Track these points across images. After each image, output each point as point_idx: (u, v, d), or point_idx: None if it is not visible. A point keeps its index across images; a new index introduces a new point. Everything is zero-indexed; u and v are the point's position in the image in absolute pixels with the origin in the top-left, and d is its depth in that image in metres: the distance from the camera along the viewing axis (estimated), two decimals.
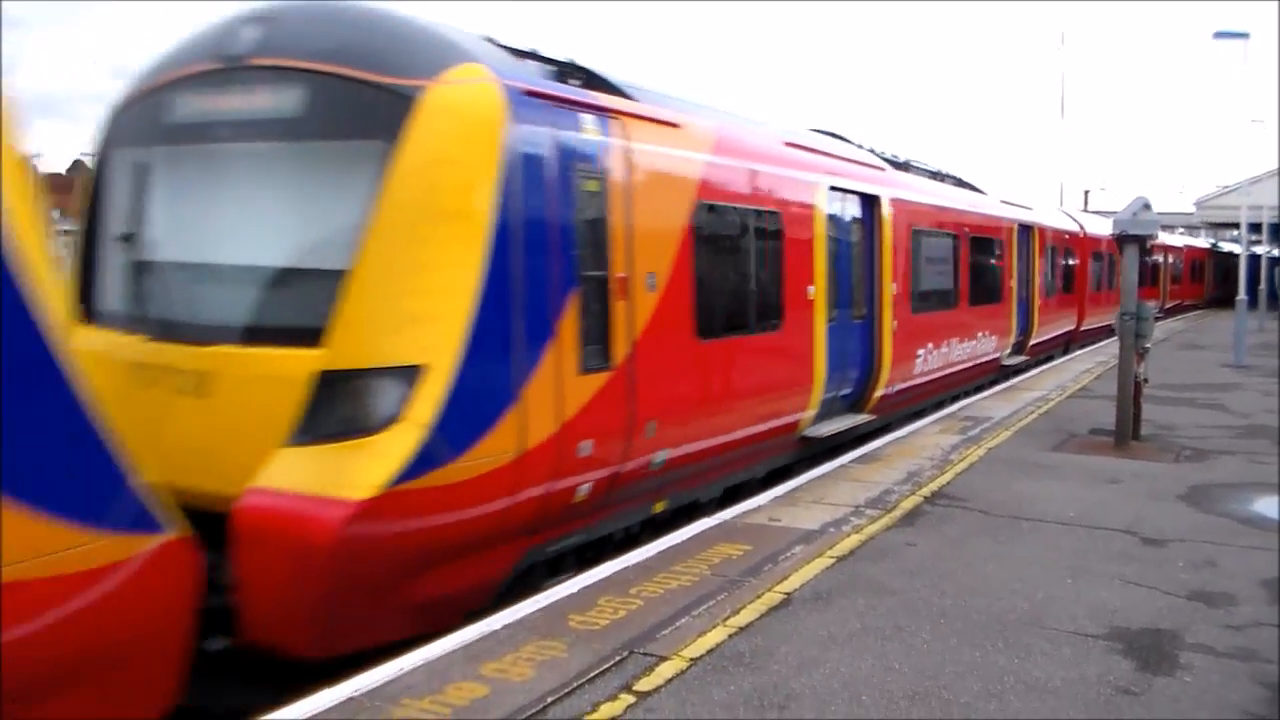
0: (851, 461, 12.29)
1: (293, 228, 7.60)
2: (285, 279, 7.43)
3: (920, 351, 15.94)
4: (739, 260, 10.90)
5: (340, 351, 6.93)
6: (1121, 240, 13.76)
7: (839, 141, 15.00)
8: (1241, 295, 27.98)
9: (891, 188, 14.96)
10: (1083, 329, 29.45)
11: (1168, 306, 47.69)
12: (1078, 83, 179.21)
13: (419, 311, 7.08)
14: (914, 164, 17.61)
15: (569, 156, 8.11)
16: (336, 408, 6.91)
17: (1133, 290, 13.68)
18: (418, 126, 7.16)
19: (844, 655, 6.27)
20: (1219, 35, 28.23)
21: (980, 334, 19.44)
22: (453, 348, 7.09)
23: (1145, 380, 14.19)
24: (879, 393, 14.30)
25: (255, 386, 7.01)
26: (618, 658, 6.18)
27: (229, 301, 7.51)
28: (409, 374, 6.97)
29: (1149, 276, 41.13)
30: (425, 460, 6.91)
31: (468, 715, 5.43)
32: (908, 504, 10.06)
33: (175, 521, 5.46)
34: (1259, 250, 50.59)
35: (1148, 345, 13.95)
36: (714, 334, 10.16)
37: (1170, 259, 49.15)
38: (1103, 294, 30.93)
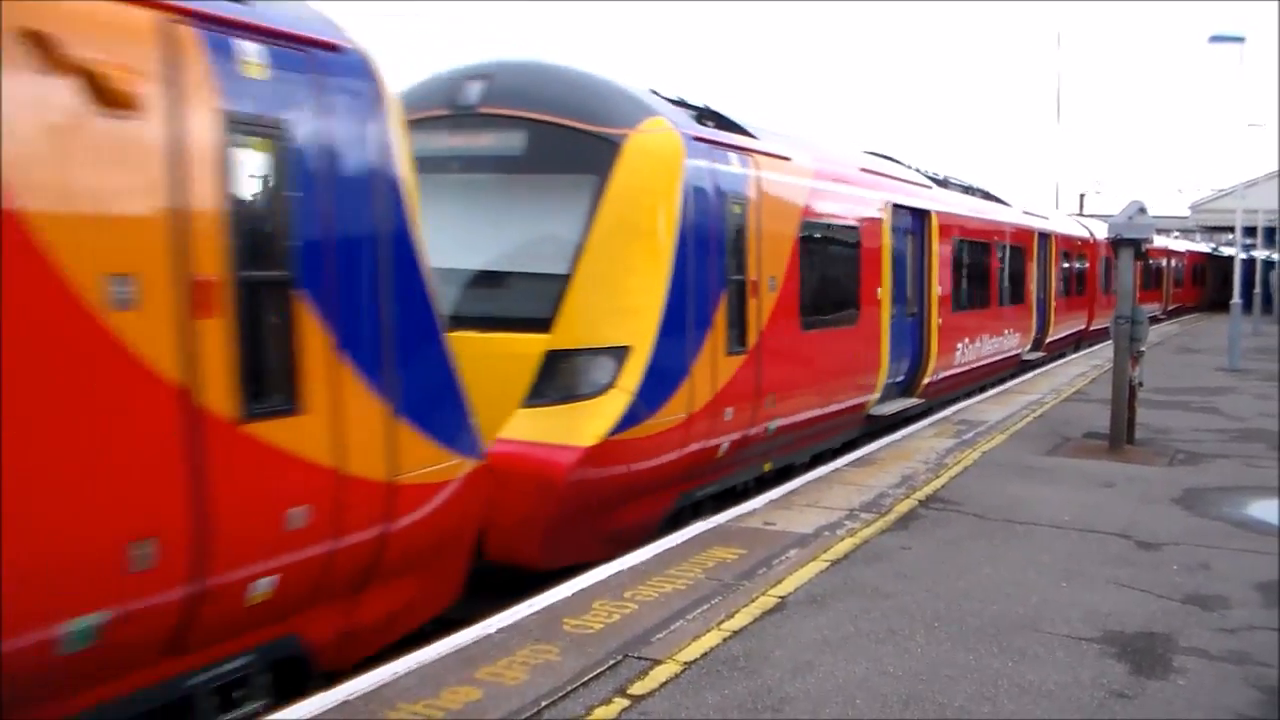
0: (846, 465, 12.31)
1: (523, 241, 9.66)
2: (519, 281, 9.58)
3: (959, 345, 18.26)
4: (831, 265, 13.26)
5: (566, 335, 9.08)
6: (1117, 244, 13.79)
7: (894, 164, 17.17)
8: (1236, 299, 28.03)
9: (937, 203, 17.24)
10: (1092, 328, 31.47)
11: (1170, 309, 49.68)
12: (1073, 85, 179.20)
13: (625, 306, 9.31)
14: (951, 181, 19.94)
15: (722, 187, 10.39)
16: (563, 378, 9.05)
17: (1128, 294, 13.70)
18: (622, 165, 9.39)
19: (838, 659, 6.28)
20: (1215, 39, 28.29)
21: (1006, 331, 21.82)
22: (650, 333, 9.31)
23: (1140, 384, 14.21)
24: (926, 380, 16.54)
25: (497, 363, 8.85)
26: (612, 661, 6.18)
27: (474, 297, 9.39)
28: (620, 353, 9.20)
29: (1153, 280, 44.84)
30: (629, 419, 9.10)
31: (461, 719, 5.43)
32: (902, 507, 10.07)
33: (483, 451, 7.36)
34: (1256, 254, 51.21)
35: (1142, 349, 13.97)
36: (813, 326, 12.41)
37: (1173, 263, 51.04)
38: (1110, 296, 32.37)
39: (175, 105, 5.15)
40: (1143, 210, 13.65)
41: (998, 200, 22.48)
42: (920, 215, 16.28)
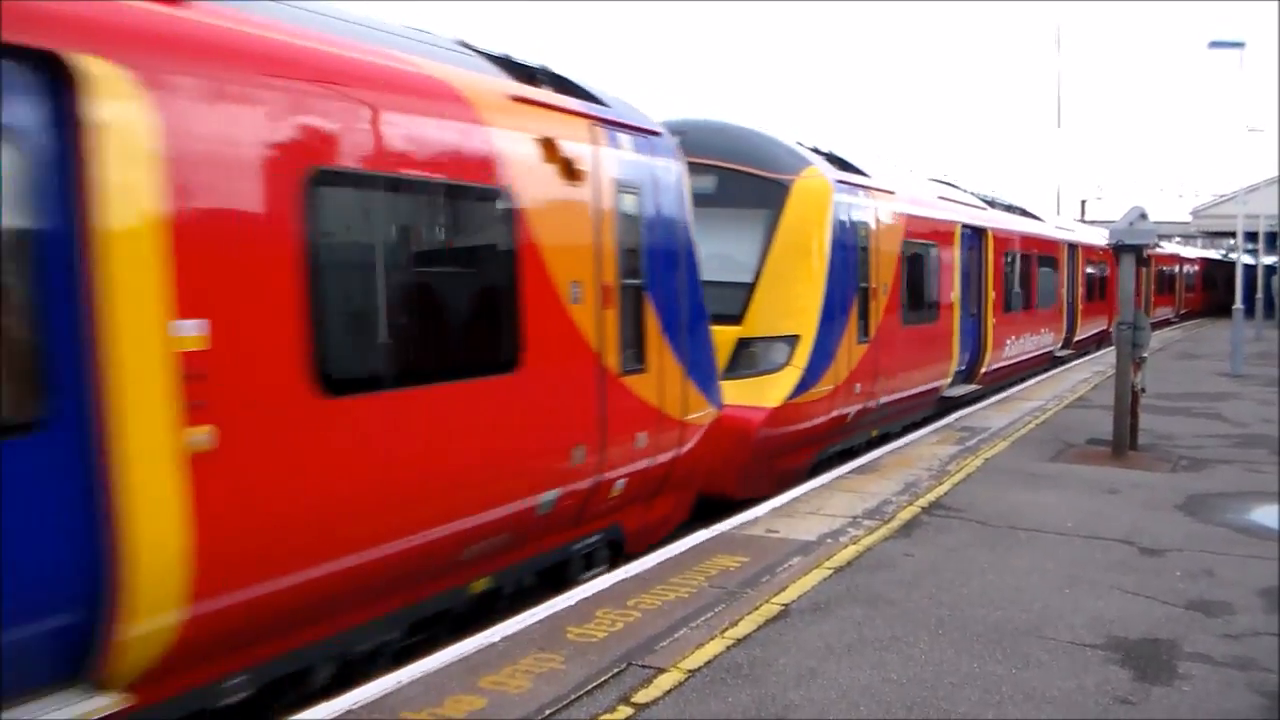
0: (849, 473, 12.31)
1: (721, 257, 12.11)
2: (719, 288, 11.59)
3: (1007, 341, 21.68)
4: (920, 275, 16.59)
5: (753, 327, 12.37)
6: (1118, 250, 13.80)
7: (954, 189, 20.97)
8: (1238, 304, 28.02)
9: (991, 223, 20.87)
10: (1111, 329, 33.90)
11: (1182, 313, 52.52)
12: (1074, 90, 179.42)
13: (795, 305, 12.56)
14: (997, 201, 23.53)
15: (854, 217, 13.79)
16: (752, 358, 12.31)
17: (1129, 299, 13.71)
18: (790, 202, 12.77)
19: (842, 666, 6.28)
20: (1214, 45, 28.33)
21: (1042, 330, 25.25)
22: (813, 326, 12.61)
23: (1142, 390, 14.21)
24: (983, 369, 20.07)
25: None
26: (616, 670, 6.18)
27: None
28: (793, 340, 12.48)
29: (1166, 285, 48.75)
30: (799, 389, 12.37)
31: None
32: (905, 515, 10.07)
33: (721, 403, 10.33)
34: (1256, 259, 51.61)
35: (1145, 355, 13.98)
36: (909, 323, 15.81)
37: (1184, 269, 54.29)
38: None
39: (596, 177, 8.27)
40: (1144, 216, 13.67)
41: (1033, 216, 26.27)
42: (979, 232, 19.93)
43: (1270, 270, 57.44)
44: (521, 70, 8.10)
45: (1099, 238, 32.05)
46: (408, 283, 6.78)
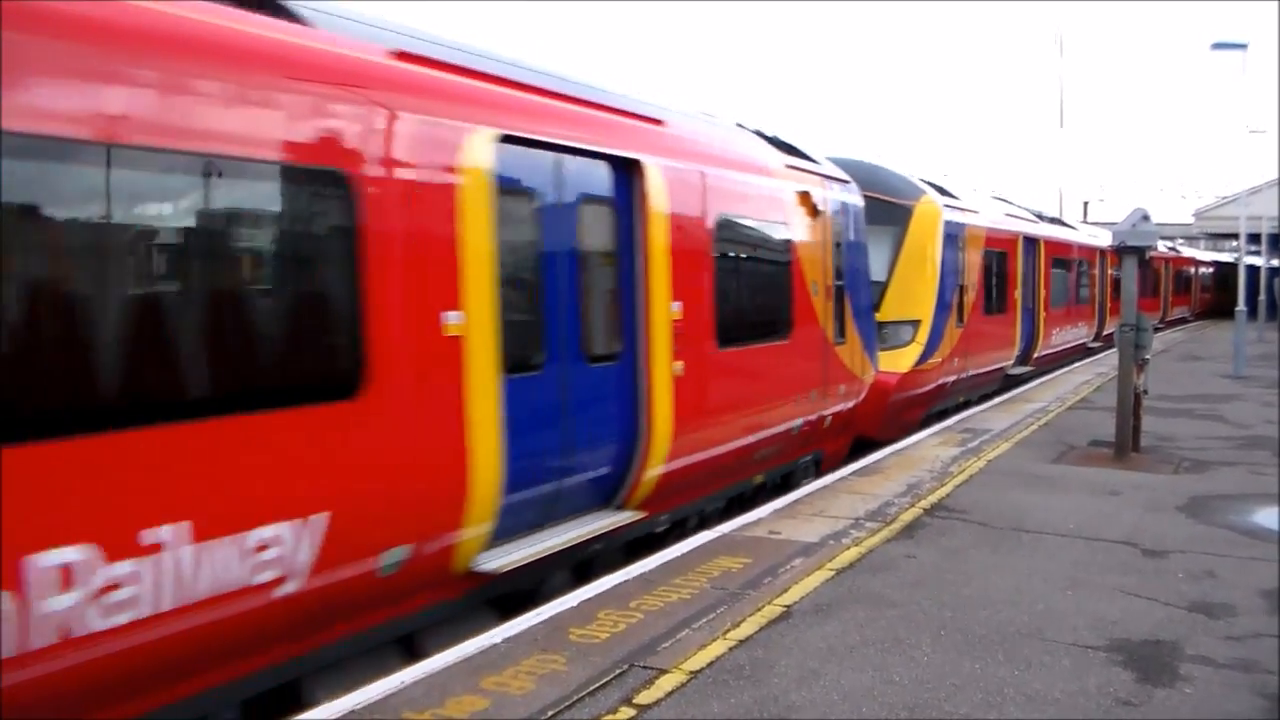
0: (851, 474, 12.32)
1: (872, 263, 15.49)
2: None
3: (1054, 332, 26.65)
4: (994, 277, 21.24)
5: (888, 312, 16.56)
6: (1121, 251, 13.79)
7: (1010, 204, 25.80)
8: (1240, 306, 28.00)
9: (1042, 232, 25.94)
10: (1167, 319, 42.89)
11: (1197, 312, 56.90)
12: (1076, 91, 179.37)
13: (917, 298, 17.07)
14: (1043, 215, 29.12)
15: (952, 232, 18.31)
16: (888, 337, 16.21)
17: (1132, 301, 13.72)
18: (913, 222, 17.37)
19: (844, 668, 6.28)
20: (1217, 46, 28.32)
21: (1079, 323, 30.05)
22: (929, 313, 17.12)
23: (1145, 392, 14.20)
24: (1035, 354, 24.92)
25: None
26: (618, 671, 6.18)
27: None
28: (916, 323, 16.97)
29: (1183, 286, 54.07)
30: (920, 360, 16.88)
31: None
32: (907, 516, 10.07)
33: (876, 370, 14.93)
34: (1261, 260, 52.13)
35: (1147, 356, 13.97)
36: (986, 313, 20.61)
37: (1199, 270, 59.85)
38: (1148, 299, 40.40)
39: (823, 214, 12.69)
40: (1146, 218, 13.66)
41: (1069, 226, 32.71)
42: (1033, 241, 24.69)
43: (1274, 272, 57.46)
44: (773, 141, 12.59)
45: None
46: (748, 283, 11.30)
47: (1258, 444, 14.74)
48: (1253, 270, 61.88)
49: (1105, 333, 32.42)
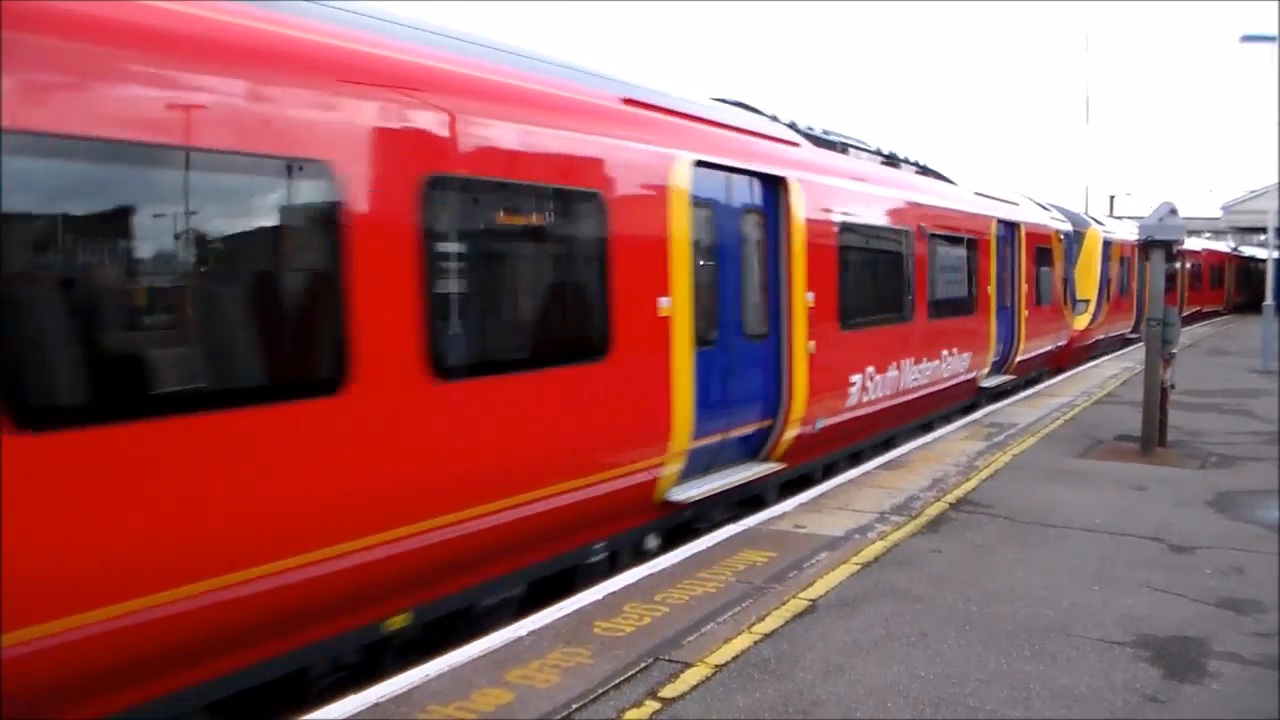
0: (876, 468, 12.29)
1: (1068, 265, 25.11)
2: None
3: (1105, 320, 31.55)
4: (1121, 271, 30.83)
5: (1079, 292, 27.27)
6: (1148, 245, 13.69)
7: (1118, 220, 37.14)
8: (1269, 300, 27.73)
9: (1109, 233, 31.20)
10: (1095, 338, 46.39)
11: (1233, 304, 60.97)
12: (1103, 85, 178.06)
13: (1088, 285, 28.20)
14: (1093, 217, 34.65)
15: (1106, 246, 29.45)
16: (1076, 308, 26.44)
17: (1159, 295, 13.61)
18: (1086, 241, 28.36)
19: (869, 662, 6.27)
20: (1246, 39, 28.06)
21: (1124, 314, 33.88)
22: (1093, 294, 28.26)
23: (1172, 386, 14.10)
24: (1098, 336, 30.05)
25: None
26: (643, 664, 6.20)
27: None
28: (1088, 301, 27.78)
29: (1218, 280, 58.46)
30: (1089, 322, 28.07)
31: None
32: (933, 510, 10.04)
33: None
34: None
35: (1174, 351, 13.87)
36: (1122, 295, 31.73)
37: (1234, 265, 62.81)
38: (1174, 293, 46.18)
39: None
40: (1173, 211, 13.55)
41: (1098, 221, 35.16)
42: (1108, 243, 30.14)
43: None
44: (1044, 205, 23.98)
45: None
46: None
47: None
48: (1247, 262, 63.37)
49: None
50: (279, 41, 5.85)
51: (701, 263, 9.70)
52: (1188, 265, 51.07)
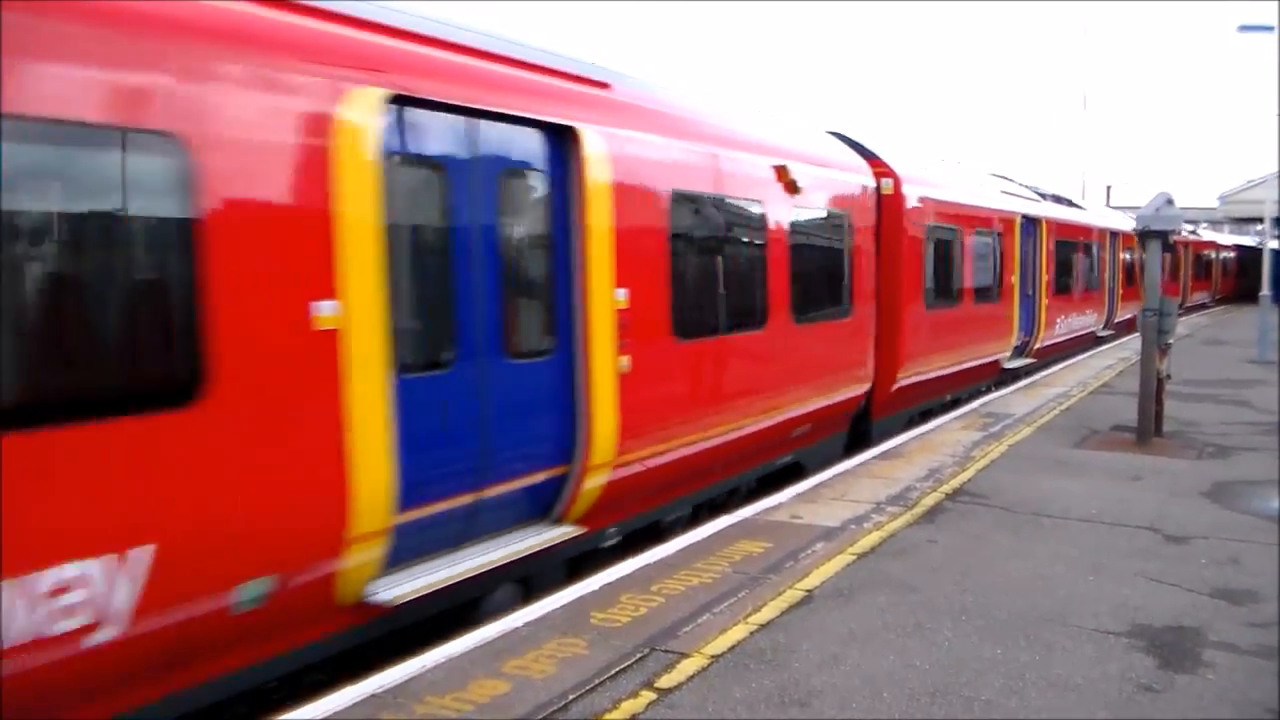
0: (873, 458, 12.30)
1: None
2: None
3: (1126, 306, 32.72)
4: (1086, 265, 28.49)
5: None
6: (1144, 235, 13.69)
7: (1107, 210, 37.54)
8: (1265, 290, 27.74)
9: (1113, 223, 32.24)
10: (1186, 304, 47.38)
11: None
12: (1100, 75, 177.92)
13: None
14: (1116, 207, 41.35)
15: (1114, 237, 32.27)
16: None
17: (1155, 285, 13.61)
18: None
19: (865, 652, 6.28)
20: (1244, 29, 28.02)
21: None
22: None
23: (1168, 376, 14.12)
24: (1115, 320, 31.69)
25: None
26: (639, 655, 6.20)
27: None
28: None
29: (1229, 271, 61.22)
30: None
31: (489, 712, 5.46)
32: (929, 501, 10.05)
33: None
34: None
35: (1170, 341, 13.88)
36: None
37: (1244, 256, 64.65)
38: (1192, 281, 50.52)
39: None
40: (1170, 202, 13.55)
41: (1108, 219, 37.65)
42: (1116, 234, 31.27)
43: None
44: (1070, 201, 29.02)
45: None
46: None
47: None
48: (1277, 254, 63.00)
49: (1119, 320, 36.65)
50: None
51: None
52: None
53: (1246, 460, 12.35)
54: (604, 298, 8.16)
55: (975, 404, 17.13)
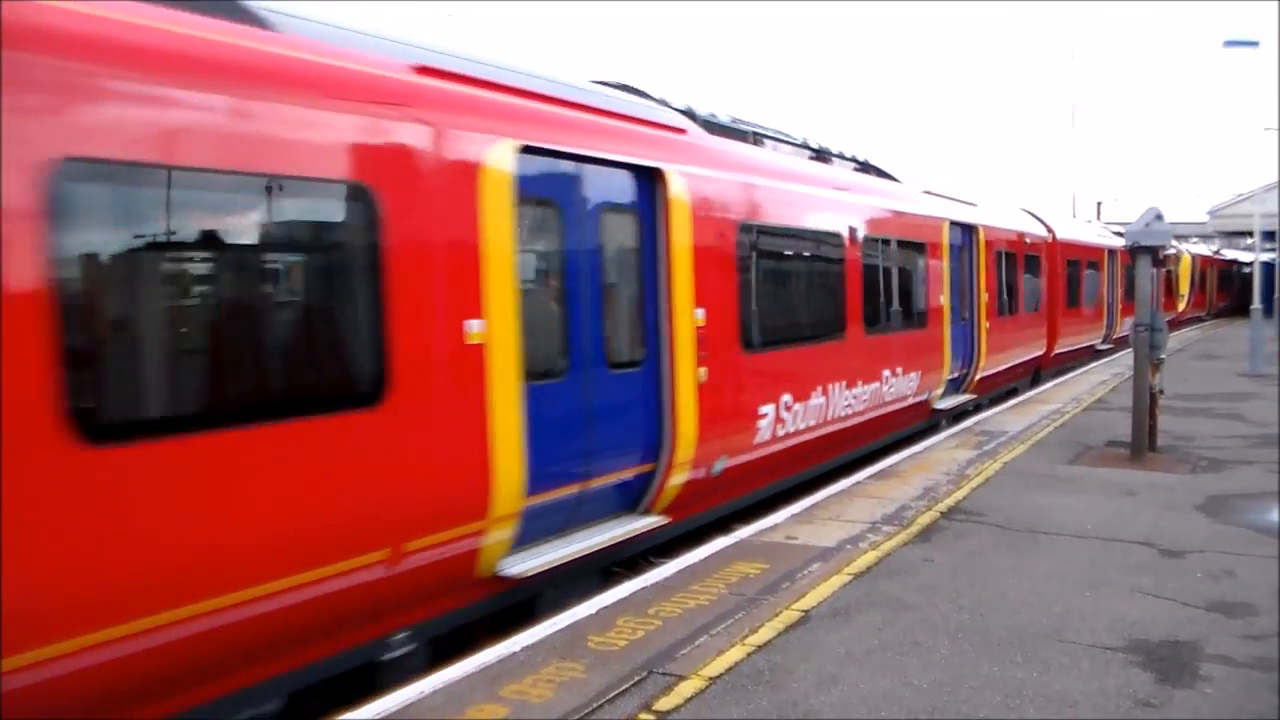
0: (868, 478, 12.30)
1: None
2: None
3: (1126, 320, 32.95)
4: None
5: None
6: (1134, 251, 13.75)
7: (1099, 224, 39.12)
8: (1256, 304, 27.85)
9: (1112, 241, 33.08)
10: (1187, 316, 49.77)
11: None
12: (1089, 91, 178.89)
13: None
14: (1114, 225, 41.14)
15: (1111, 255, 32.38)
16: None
17: (1146, 300, 13.66)
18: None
19: (863, 672, 6.29)
20: (1229, 44, 28.24)
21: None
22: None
23: (1161, 391, 14.16)
24: (1115, 334, 31.59)
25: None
26: (637, 678, 6.20)
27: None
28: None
29: (1228, 285, 63.46)
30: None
31: None
32: (924, 520, 10.06)
33: None
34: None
35: (1163, 356, 13.92)
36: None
37: (1243, 270, 64.92)
38: (1195, 296, 51.96)
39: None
40: (1159, 217, 13.62)
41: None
42: (1114, 253, 31.43)
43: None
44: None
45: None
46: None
47: (1275, 442, 14.64)
48: (1268, 267, 63.50)
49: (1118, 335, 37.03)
50: None
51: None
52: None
53: (1240, 474, 12.38)
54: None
55: (969, 422, 17.15)
